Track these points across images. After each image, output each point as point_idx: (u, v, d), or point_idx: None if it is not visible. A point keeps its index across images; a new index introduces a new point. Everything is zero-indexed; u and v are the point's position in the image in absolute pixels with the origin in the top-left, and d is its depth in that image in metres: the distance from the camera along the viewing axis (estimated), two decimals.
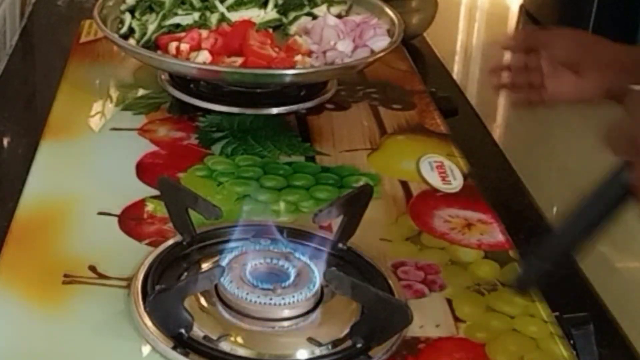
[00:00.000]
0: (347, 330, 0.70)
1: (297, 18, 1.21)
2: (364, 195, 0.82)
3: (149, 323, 0.70)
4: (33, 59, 1.38)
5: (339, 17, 1.21)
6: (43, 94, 1.16)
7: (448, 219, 0.89)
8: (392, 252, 0.83)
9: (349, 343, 0.70)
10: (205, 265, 0.78)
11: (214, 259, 0.78)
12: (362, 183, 0.93)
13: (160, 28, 1.15)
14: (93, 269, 0.78)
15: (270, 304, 0.71)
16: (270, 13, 1.21)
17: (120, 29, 1.16)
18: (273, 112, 1.09)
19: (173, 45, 1.10)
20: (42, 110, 1.08)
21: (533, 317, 0.76)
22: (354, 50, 1.13)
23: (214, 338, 0.69)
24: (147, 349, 0.69)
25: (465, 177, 0.97)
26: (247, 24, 1.15)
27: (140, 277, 0.75)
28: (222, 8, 1.19)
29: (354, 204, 0.81)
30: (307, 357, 0.69)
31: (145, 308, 0.70)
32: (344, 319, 0.72)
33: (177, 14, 1.17)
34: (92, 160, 0.98)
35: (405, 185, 0.95)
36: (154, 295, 0.69)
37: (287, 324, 0.71)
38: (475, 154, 1.05)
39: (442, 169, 0.98)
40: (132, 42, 1.13)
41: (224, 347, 0.69)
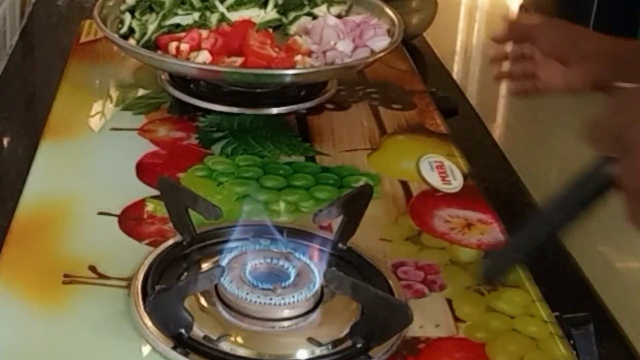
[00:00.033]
0: (347, 330, 0.70)
1: (297, 18, 1.21)
2: (364, 195, 0.82)
3: (149, 323, 0.70)
4: (33, 59, 1.38)
5: (339, 17, 1.21)
6: (43, 94, 1.16)
7: (448, 219, 0.89)
8: (392, 252, 0.83)
9: (349, 343, 0.70)
10: (205, 265, 0.78)
11: (214, 259, 0.78)
12: (362, 183, 0.93)
13: (160, 28, 1.15)
14: (93, 269, 0.78)
15: (270, 304, 0.71)
16: (270, 13, 1.21)
17: (120, 29, 1.16)
18: (273, 112, 1.09)
19: (173, 45, 1.10)
20: (42, 110, 1.08)
21: (533, 317, 0.76)
22: (354, 50, 1.13)
23: (214, 338, 0.69)
24: (147, 349, 0.69)
25: (465, 177, 0.97)
26: (247, 24, 1.15)
27: (140, 277, 0.75)
28: (222, 8, 1.19)
29: (354, 204, 0.81)
30: (307, 357, 0.69)
31: (145, 308, 0.70)
32: (344, 319, 0.72)
33: (177, 14, 1.17)
34: (92, 160, 0.98)
35: (405, 185, 0.95)
36: (154, 295, 0.69)
37: (287, 324, 0.71)
38: (475, 154, 1.05)
39: (442, 169, 0.98)
40: (132, 42, 1.13)
41: (224, 347, 0.69)
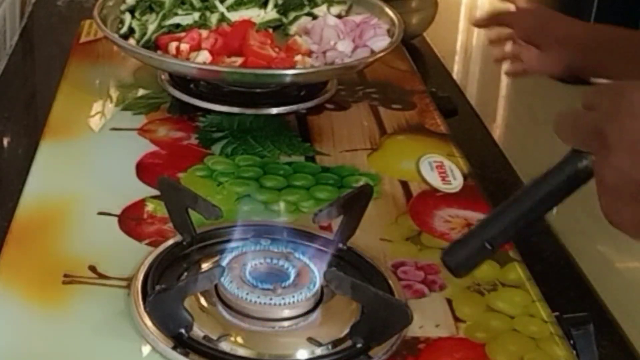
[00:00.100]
0: (347, 330, 0.70)
1: (297, 18, 1.21)
2: (364, 195, 0.82)
3: (149, 323, 0.70)
4: (33, 59, 1.38)
5: (339, 17, 1.21)
6: (43, 94, 1.16)
7: (448, 219, 0.89)
8: (392, 252, 0.83)
9: (349, 343, 0.70)
10: (205, 265, 0.78)
11: (214, 259, 0.78)
12: (362, 183, 0.93)
13: (160, 28, 1.15)
14: (93, 269, 0.78)
15: (270, 304, 0.71)
16: (270, 13, 1.21)
17: (120, 29, 1.16)
18: (273, 112, 1.09)
19: (173, 45, 1.10)
20: (42, 110, 1.08)
21: (533, 317, 0.76)
22: (354, 50, 1.13)
23: (214, 338, 0.69)
24: (147, 349, 0.69)
25: (465, 177, 0.97)
26: (247, 24, 1.15)
27: (140, 277, 0.75)
28: (222, 8, 1.19)
29: (354, 204, 0.81)
30: (307, 357, 0.69)
31: (145, 308, 0.70)
32: (344, 319, 0.72)
33: (177, 14, 1.17)
34: (92, 160, 0.98)
35: (405, 185, 0.95)
36: (154, 295, 0.69)
37: (287, 324, 0.71)
38: (475, 154, 1.05)
39: (442, 169, 0.98)
40: (132, 42, 1.13)
41: (224, 347, 0.69)
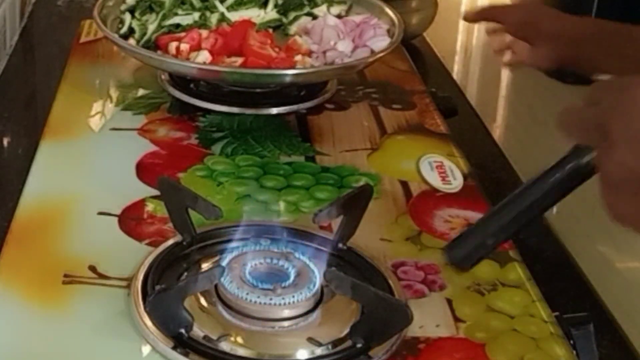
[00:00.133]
0: (347, 330, 0.70)
1: (297, 18, 1.21)
2: (364, 195, 0.82)
3: (149, 323, 0.70)
4: (33, 59, 1.38)
5: (339, 17, 1.21)
6: (43, 94, 1.16)
7: (448, 219, 0.89)
8: (392, 252, 0.83)
9: (349, 343, 0.70)
10: (205, 265, 0.78)
11: (214, 259, 0.78)
12: (362, 183, 0.93)
13: (160, 28, 1.15)
14: (93, 269, 0.78)
15: (270, 304, 0.71)
16: (270, 13, 1.21)
17: (120, 29, 1.16)
18: (273, 112, 1.09)
19: (173, 45, 1.10)
20: (42, 110, 1.08)
21: (533, 317, 0.76)
22: (354, 50, 1.13)
23: (214, 338, 0.69)
24: (147, 349, 0.69)
25: (465, 177, 0.97)
26: (247, 24, 1.15)
27: (140, 277, 0.75)
28: (222, 8, 1.19)
29: (354, 204, 0.81)
30: (307, 357, 0.69)
31: (145, 308, 0.70)
32: (344, 319, 0.72)
33: (177, 14, 1.17)
34: (92, 160, 0.98)
35: (405, 185, 0.95)
36: (154, 295, 0.69)
37: (287, 324, 0.71)
38: (475, 154, 1.05)
39: (442, 169, 0.98)
40: (132, 42, 1.13)
41: (224, 347, 0.69)
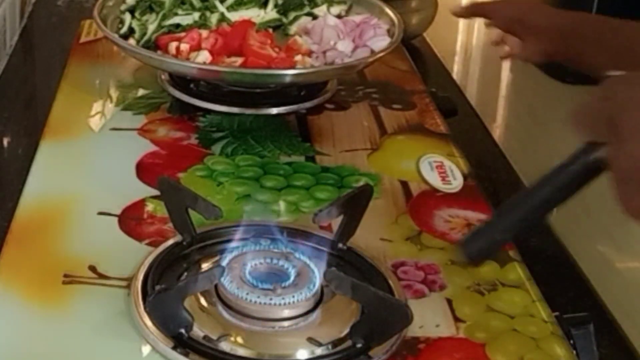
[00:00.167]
0: (347, 330, 0.70)
1: (297, 18, 1.21)
2: (364, 195, 0.82)
3: (149, 323, 0.70)
4: (33, 59, 1.38)
5: (339, 17, 1.21)
6: (43, 94, 1.16)
7: (448, 219, 0.89)
8: (392, 252, 0.83)
9: (349, 343, 0.70)
10: (205, 265, 0.78)
11: (214, 259, 0.78)
12: (362, 183, 0.93)
13: (160, 28, 1.15)
14: (93, 269, 0.78)
15: (270, 304, 0.71)
16: (270, 13, 1.21)
17: (120, 29, 1.16)
18: (273, 112, 1.09)
19: (173, 45, 1.10)
20: (42, 110, 1.08)
21: (533, 317, 0.76)
22: (354, 50, 1.13)
23: (214, 338, 0.69)
24: (147, 349, 0.69)
25: (465, 177, 0.97)
26: (247, 24, 1.15)
27: (140, 277, 0.75)
28: (222, 8, 1.19)
29: (354, 204, 0.81)
30: (307, 357, 0.69)
31: (145, 308, 0.70)
32: (344, 319, 0.72)
33: (177, 14, 1.17)
34: (92, 160, 0.98)
35: (405, 185, 0.95)
36: (154, 295, 0.69)
37: (287, 324, 0.71)
38: (475, 154, 1.05)
39: (442, 169, 0.98)
40: (132, 42, 1.13)
41: (224, 347, 0.69)
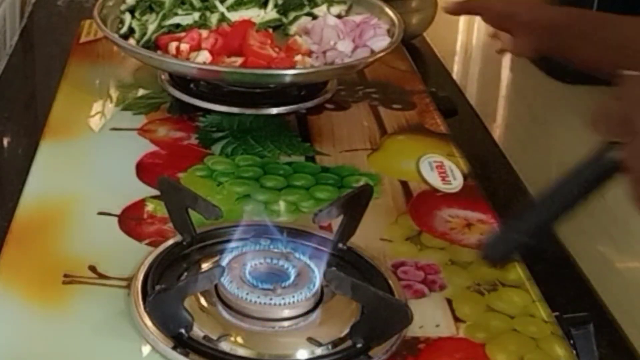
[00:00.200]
0: (347, 330, 0.70)
1: (297, 18, 1.21)
2: (364, 195, 0.82)
3: (149, 323, 0.70)
4: (33, 59, 1.37)
5: (339, 17, 1.21)
6: (43, 94, 1.16)
7: (448, 219, 0.89)
8: (392, 252, 0.83)
9: (349, 343, 0.70)
10: (205, 265, 0.78)
11: (214, 259, 0.78)
12: (362, 183, 0.93)
13: (160, 28, 1.15)
14: (93, 269, 0.78)
15: (270, 304, 0.71)
16: (270, 13, 1.21)
17: (120, 29, 1.16)
18: (273, 112, 1.09)
19: (173, 45, 1.10)
20: (42, 110, 1.08)
21: (533, 317, 0.76)
22: (354, 50, 1.13)
23: (214, 338, 0.69)
24: (147, 349, 0.69)
25: (465, 177, 0.97)
26: (247, 24, 1.15)
27: (140, 277, 0.75)
28: (222, 8, 1.19)
29: (354, 204, 0.81)
30: (307, 357, 0.69)
31: (145, 308, 0.70)
32: (344, 319, 0.72)
33: (177, 14, 1.17)
34: (92, 160, 0.98)
35: (405, 185, 0.95)
36: (154, 295, 0.69)
37: (287, 324, 0.71)
38: (475, 154, 1.05)
39: (442, 169, 0.98)
40: (132, 42, 1.13)
41: (224, 347, 0.69)
